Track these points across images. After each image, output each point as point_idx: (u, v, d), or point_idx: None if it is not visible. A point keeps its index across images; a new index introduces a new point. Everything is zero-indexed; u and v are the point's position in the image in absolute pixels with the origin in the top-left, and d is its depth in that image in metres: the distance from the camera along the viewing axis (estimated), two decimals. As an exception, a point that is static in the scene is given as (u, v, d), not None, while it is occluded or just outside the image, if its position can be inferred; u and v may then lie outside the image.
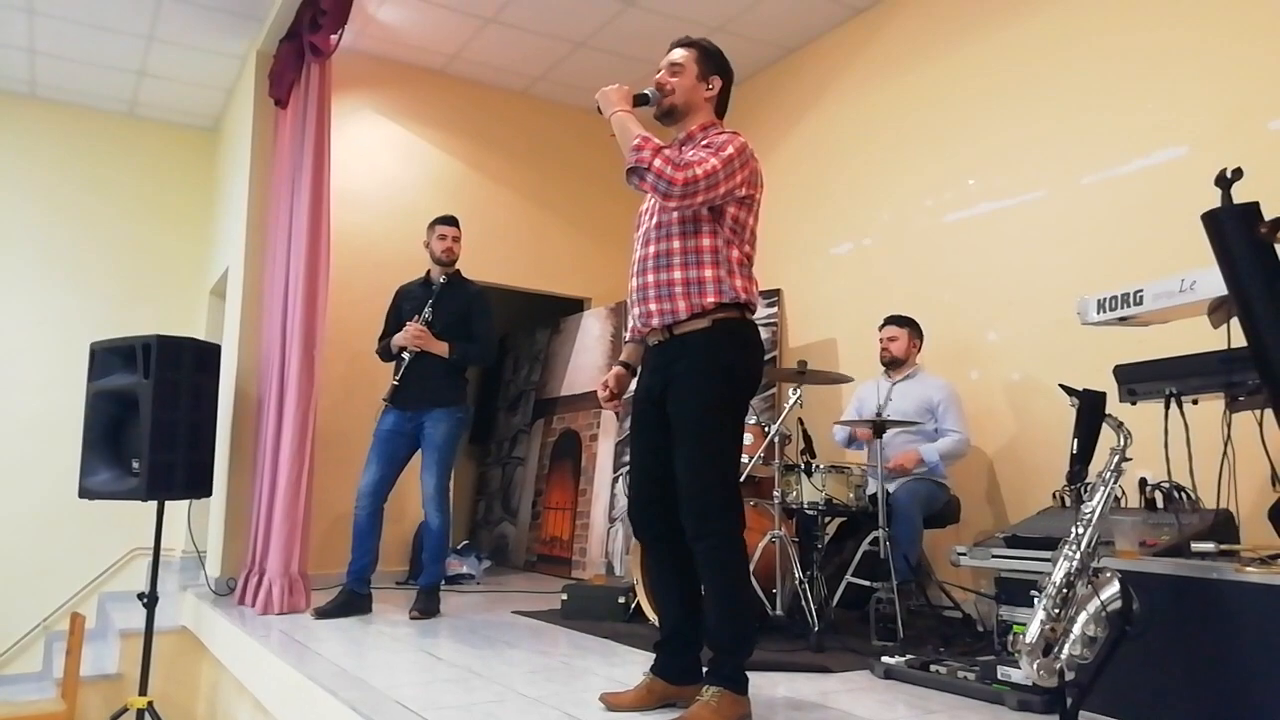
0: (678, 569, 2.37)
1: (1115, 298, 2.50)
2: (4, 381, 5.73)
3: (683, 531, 2.27)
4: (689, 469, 2.25)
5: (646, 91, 2.42)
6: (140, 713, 3.72)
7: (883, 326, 4.16)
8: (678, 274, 2.32)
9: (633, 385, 2.61)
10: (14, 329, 5.80)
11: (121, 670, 4.43)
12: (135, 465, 3.87)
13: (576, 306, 6.24)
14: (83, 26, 5.07)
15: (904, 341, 4.10)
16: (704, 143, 2.35)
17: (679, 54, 2.46)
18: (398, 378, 3.99)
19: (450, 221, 4.17)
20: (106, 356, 4.04)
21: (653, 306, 2.35)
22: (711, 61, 2.47)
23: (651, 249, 2.38)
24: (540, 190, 6.03)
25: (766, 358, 5.15)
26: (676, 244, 2.33)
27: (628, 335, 2.61)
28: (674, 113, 2.44)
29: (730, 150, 2.29)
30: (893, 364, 4.11)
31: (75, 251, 6.01)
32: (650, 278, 2.36)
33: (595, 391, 2.61)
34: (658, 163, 2.21)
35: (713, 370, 2.28)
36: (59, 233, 5.98)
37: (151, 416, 3.81)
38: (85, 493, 3.98)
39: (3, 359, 5.75)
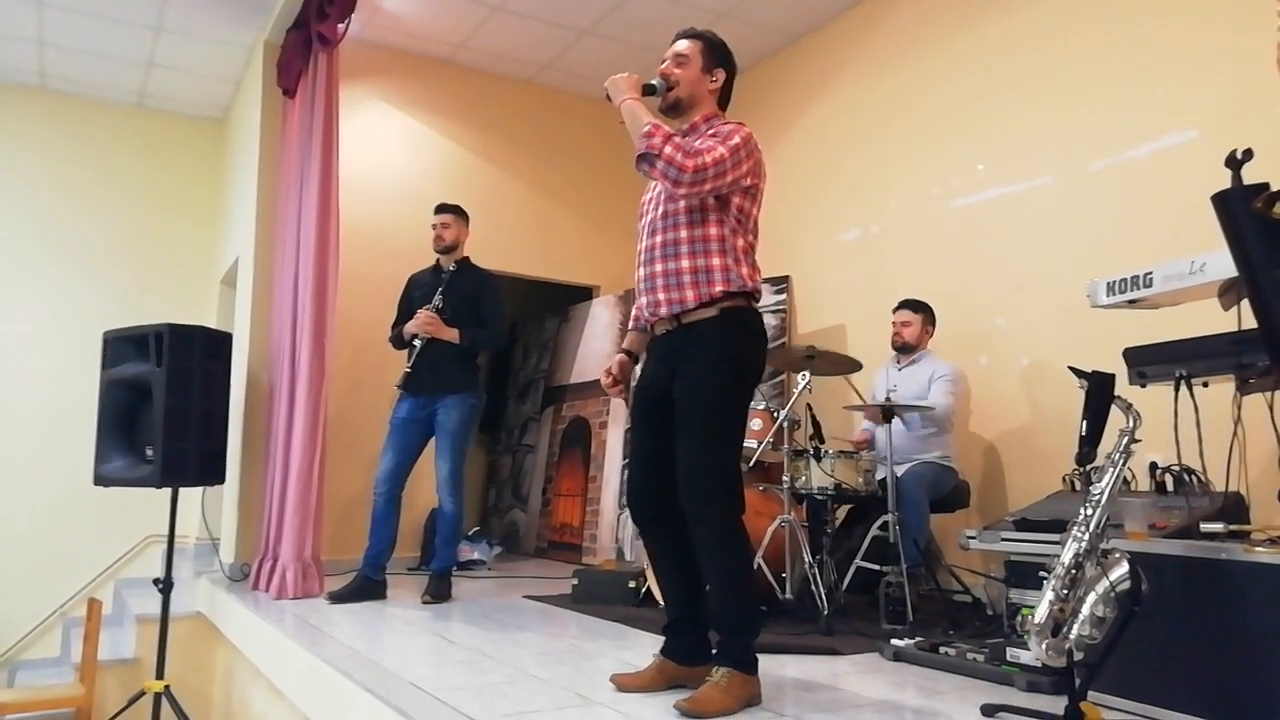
0: (677, 554, 2.39)
1: (1125, 280, 2.49)
2: (18, 371, 5.78)
3: (682, 517, 2.29)
4: (691, 455, 2.26)
5: (654, 82, 2.42)
6: (157, 696, 3.78)
7: (897, 309, 4.14)
8: (685, 263, 2.33)
9: (637, 371, 2.62)
10: (27, 319, 5.85)
11: (138, 655, 4.48)
12: (149, 453, 3.91)
13: (585, 294, 6.25)
14: (91, 18, 5.09)
15: (917, 327, 4.08)
16: (710, 132, 2.36)
17: (684, 45, 2.45)
18: (410, 364, 4.02)
19: (439, 210, 4.20)
20: (119, 345, 4.08)
21: (660, 296, 2.36)
22: (716, 54, 2.47)
23: (659, 238, 2.39)
24: (548, 178, 6.03)
25: (775, 344, 5.17)
26: (684, 233, 2.34)
27: (631, 323, 2.62)
28: (679, 105, 2.45)
29: (737, 140, 2.30)
30: (904, 349, 4.09)
31: (86, 242, 6.05)
32: (658, 267, 2.37)
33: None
34: (668, 150, 2.22)
35: (720, 358, 2.29)
36: (70, 224, 6.01)
37: (164, 404, 3.85)
38: (100, 480, 4.03)
39: (16, 349, 5.80)
